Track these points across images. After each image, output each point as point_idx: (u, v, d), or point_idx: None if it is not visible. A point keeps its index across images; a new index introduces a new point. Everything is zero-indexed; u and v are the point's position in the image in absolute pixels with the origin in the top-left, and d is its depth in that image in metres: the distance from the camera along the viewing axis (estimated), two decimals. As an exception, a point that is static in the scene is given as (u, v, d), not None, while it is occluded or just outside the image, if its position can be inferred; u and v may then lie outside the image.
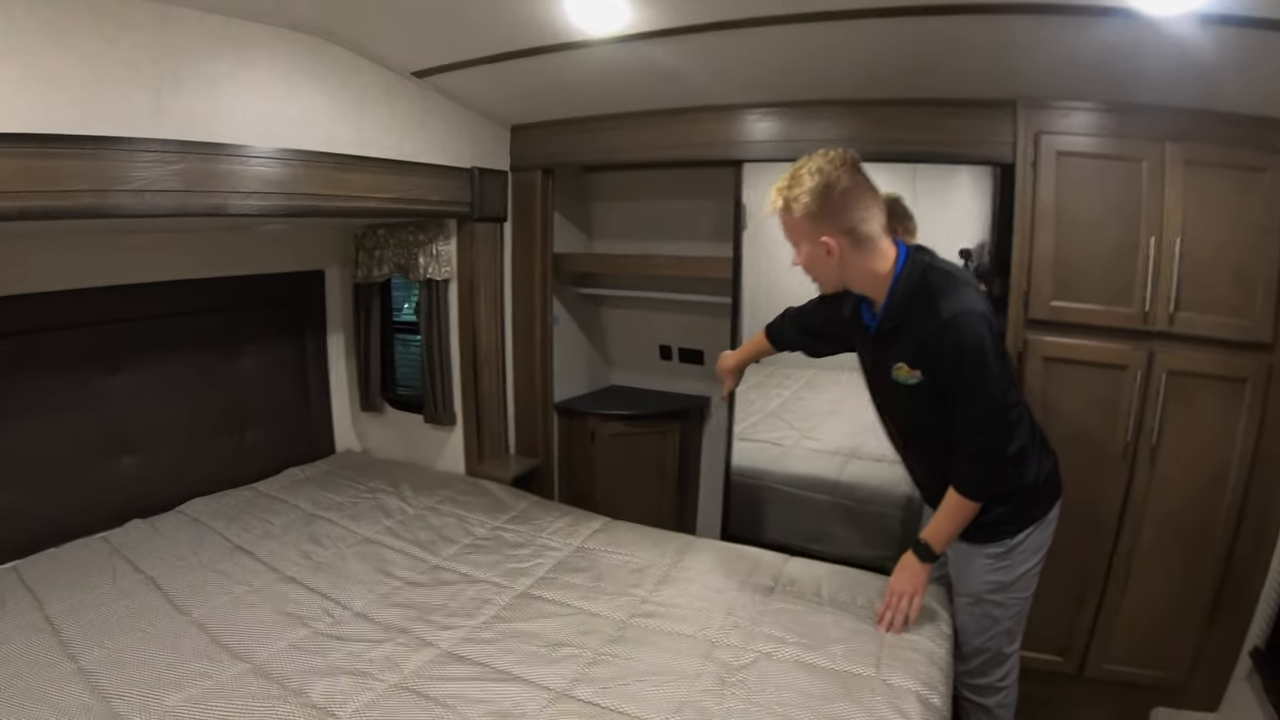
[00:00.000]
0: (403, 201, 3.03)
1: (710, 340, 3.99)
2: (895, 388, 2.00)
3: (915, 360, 1.90)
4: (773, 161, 2.97)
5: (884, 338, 1.99)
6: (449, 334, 3.53)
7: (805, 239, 1.91)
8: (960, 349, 1.80)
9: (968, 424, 1.89)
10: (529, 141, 3.59)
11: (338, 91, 2.78)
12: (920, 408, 1.99)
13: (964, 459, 1.94)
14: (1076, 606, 2.71)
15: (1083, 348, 2.53)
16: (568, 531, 2.90)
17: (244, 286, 3.41)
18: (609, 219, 4.22)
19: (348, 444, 4.04)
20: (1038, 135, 2.51)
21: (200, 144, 2.28)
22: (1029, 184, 2.53)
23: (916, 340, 1.88)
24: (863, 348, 2.14)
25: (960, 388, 1.85)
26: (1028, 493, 2.05)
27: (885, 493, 3.09)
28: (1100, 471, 2.57)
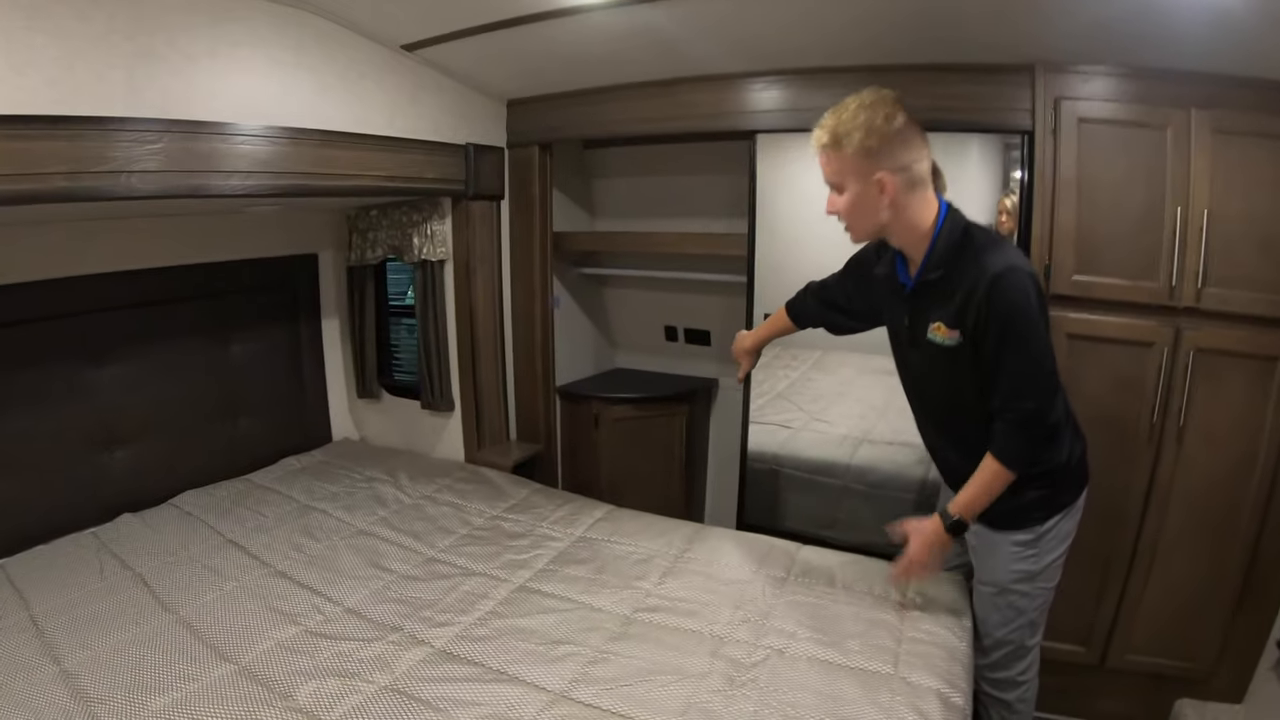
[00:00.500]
0: (394, 180, 2.92)
1: (717, 320, 3.89)
2: (930, 352, 1.89)
3: (955, 319, 1.80)
4: (783, 132, 2.89)
5: (923, 294, 1.89)
6: (445, 317, 3.43)
7: (855, 178, 1.79)
8: (1008, 306, 1.71)
9: (1010, 388, 1.77)
10: (526, 116, 3.48)
11: (323, 66, 2.66)
12: (955, 375, 1.87)
13: (1005, 426, 1.81)
14: (1099, 595, 2.61)
15: (1107, 324, 2.42)
16: (569, 520, 2.81)
17: (235, 271, 3.31)
18: (612, 197, 4.10)
19: (345, 432, 3.96)
20: (1057, 101, 2.39)
21: (179, 122, 2.18)
22: (1049, 152, 2.41)
23: (959, 296, 1.77)
24: (895, 311, 2.03)
25: (1004, 348, 1.74)
26: (1059, 475, 1.95)
27: (898, 477, 3.00)
28: (1124, 453, 2.47)
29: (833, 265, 2.66)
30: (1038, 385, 1.78)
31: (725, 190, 3.52)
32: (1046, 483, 1.93)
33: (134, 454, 3.00)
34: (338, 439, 3.90)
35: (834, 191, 1.86)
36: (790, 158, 3.00)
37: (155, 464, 3.05)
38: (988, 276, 1.71)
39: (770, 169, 2.99)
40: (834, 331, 2.39)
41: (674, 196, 3.88)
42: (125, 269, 2.89)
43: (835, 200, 1.86)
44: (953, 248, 1.80)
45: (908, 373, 2.11)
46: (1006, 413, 1.81)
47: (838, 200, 1.85)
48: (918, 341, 1.94)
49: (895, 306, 2.03)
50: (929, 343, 1.88)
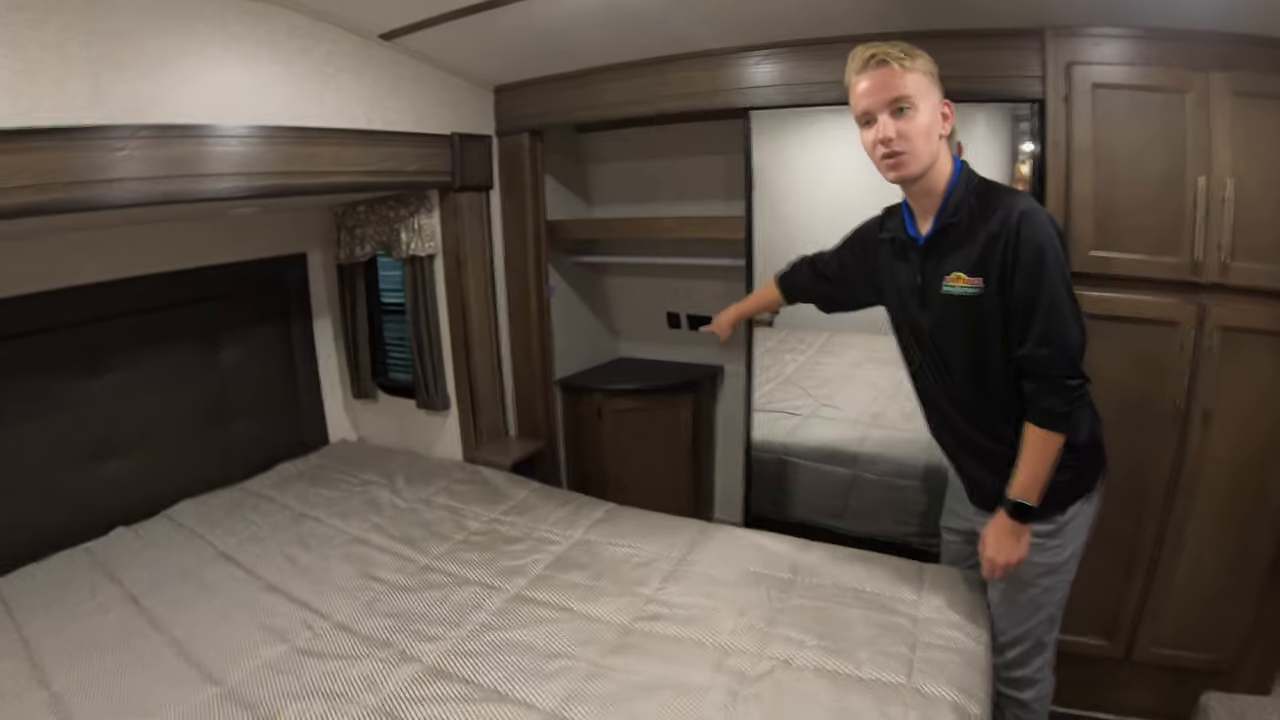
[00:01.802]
0: (376, 174, 2.83)
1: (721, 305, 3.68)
2: (946, 310, 1.81)
3: (977, 264, 1.73)
4: (780, 108, 2.79)
5: (939, 244, 1.82)
6: (437, 313, 3.33)
7: (929, 97, 1.74)
8: (1038, 241, 1.64)
9: (1044, 329, 1.67)
10: (514, 102, 3.37)
11: (298, 61, 2.59)
12: (975, 332, 1.78)
13: (1040, 383, 1.71)
14: (1123, 585, 2.51)
15: (1127, 302, 2.29)
16: (568, 522, 2.72)
17: (223, 275, 3.25)
18: (608, 182, 3.99)
19: (342, 433, 3.88)
20: (1069, 66, 2.25)
21: (149, 127, 2.12)
22: (1062, 121, 2.28)
23: (982, 238, 1.71)
24: (903, 275, 1.94)
25: (1035, 285, 1.65)
26: (1080, 455, 1.84)
27: (907, 465, 2.92)
28: (1148, 437, 2.36)
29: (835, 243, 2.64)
30: (1070, 326, 1.67)
31: (724, 171, 3.42)
32: (1067, 465, 1.80)
33: (127, 465, 2.95)
34: (335, 441, 3.83)
35: (895, 116, 1.72)
36: (788, 136, 2.93)
37: (148, 474, 3.00)
38: (1016, 213, 1.66)
39: (768, 147, 2.91)
40: (824, 307, 2.32)
41: (672, 179, 3.77)
42: (111, 279, 2.84)
43: (906, 122, 1.72)
44: (972, 192, 1.76)
45: (917, 342, 1.98)
46: (1039, 359, 1.69)
47: (908, 122, 1.72)
48: (930, 300, 1.85)
49: (902, 270, 1.94)
50: (945, 297, 1.80)
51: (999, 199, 1.72)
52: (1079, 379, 1.71)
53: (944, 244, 1.81)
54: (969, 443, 1.97)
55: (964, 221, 1.75)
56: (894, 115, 1.72)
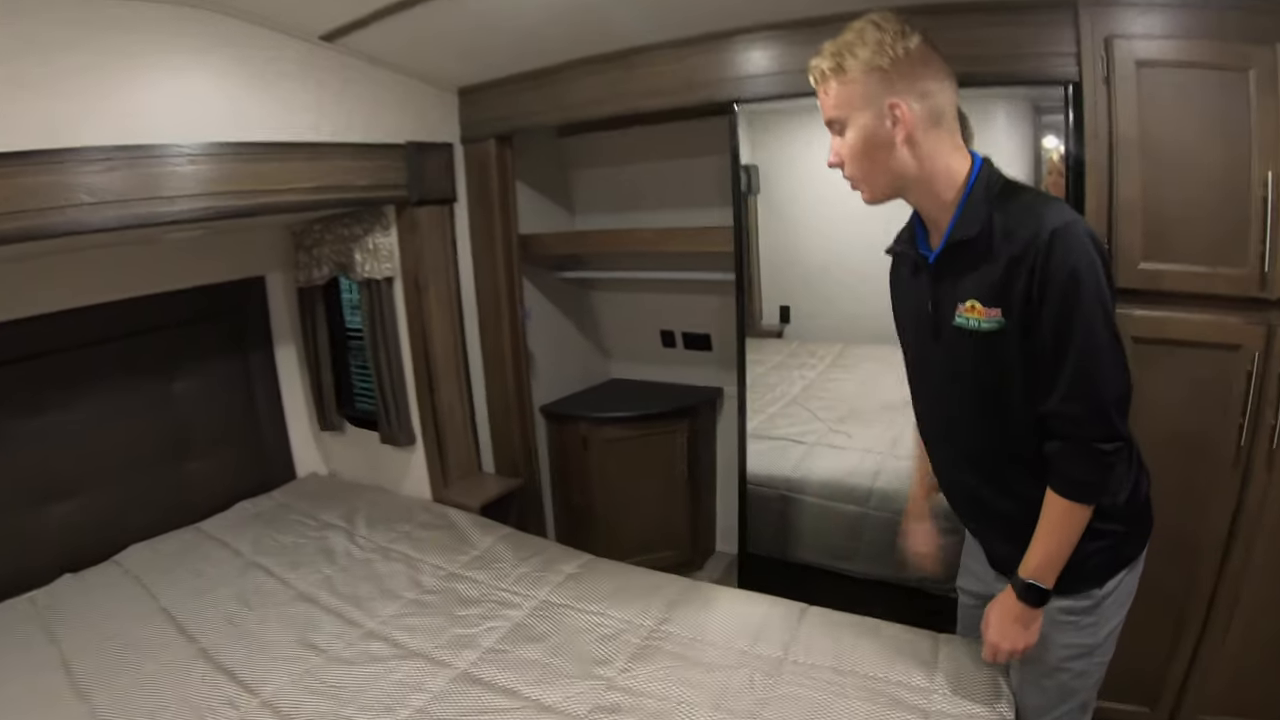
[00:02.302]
0: (322, 192, 2.54)
1: (718, 323, 3.46)
2: (959, 345, 1.45)
3: (996, 292, 1.36)
4: (772, 100, 2.44)
5: (951, 263, 1.45)
6: (398, 341, 3.02)
7: (863, 108, 1.39)
8: (1073, 267, 1.28)
9: (1075, 379, 1.32)
10: (480, 106, 3.04)
11: (232, 70, 2.35)
12: (992, 372, 1.42)
13: (1067, 446, 1.36)
14: (1170, 647, 2.17)
15: (1181, 323, 1.91)
16: (534, 578, 2.40)
17: (173, 303, 3.01)
18: (593, 191, 3.67)
19: (312, 466, 3.60)
20: (1109, 40, 1.87)
21: (57, 152, 1.93)
22: (1102, 107, 1.90)
23: (1003, 260, 1.34)
24: (914, 299, 1.59)
25: (1062, 331, 1.30)
26: (1124, 519, 1.48)
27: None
28: (1203, 480, 2.00)
29: (851, 253, 2.40)
30: (1108, 377, 1.32)
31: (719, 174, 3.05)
32: (1108, 530, 1.45)
33: (76, 508, 2.76)
34: (303, 475, 3.55)
35: (836, 135, 1.45)
36: (791, 135, 2.63)
37: (99, 516, 2.81)
38: (1046, 231, 1.28)
39: (769, 148, 2.62)
40: None
41: (662, 185, 3.45)
42: (48, 311, 2.64)
43: (839, 145, 1.45)
44: (993, 200, 1.39)
45: (924, 381, 1.64)
46: (1067, 418, 1.34)
47: (841, 144, 1.44)
48: (941, 331, 1.49)
49: (914, 292, 1.59)
50: (957, 330, 1.43)
51: (1027, 210, 1.35)
52: (1116, 442, 1.35)
53: (957, 264, 1.44)
54: (982, 504, 1.61)
55: (982, 237, 1.39)
56: (837, 133, 1.46)
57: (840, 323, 2.78)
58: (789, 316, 2.81)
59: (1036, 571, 1.42)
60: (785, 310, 2.81)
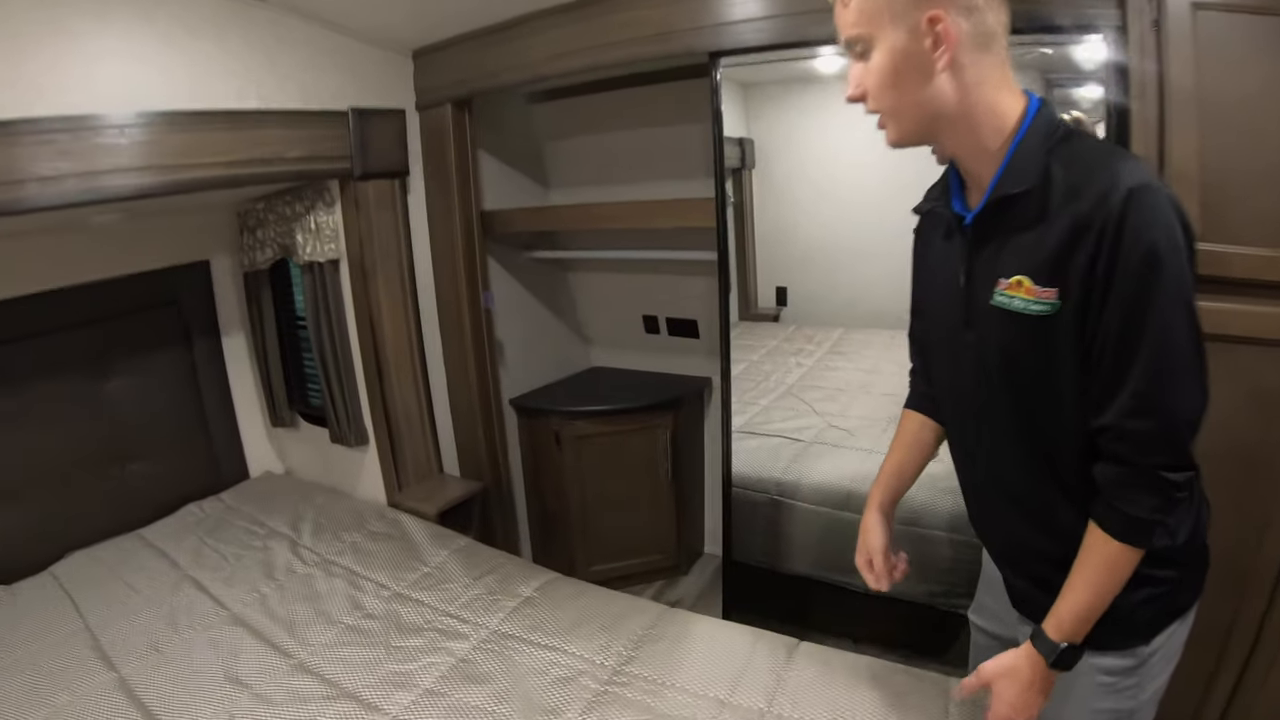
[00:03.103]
0: (245, 165, 2.23)
1: (705, 307, 3.14)
2: (998, 328, 1.12)
3: (1050, 267, 1.03)
4: (760, 50, 2.09)
5: (994, 225, 1.12)
6: (345, 331, 2.71)
7: (894, 23, 1.06)
8: (1147, 247, 0.96)
9: (1136, 400, 1.01)
10: (435, 68, 2.70)
11: (138, 29, 2.06)
12: (1038, 369, 1.10)
13: (1125, 472, 1.05)
14: (1210, 679, 1.86)
15: (1242, 315, 1.57)
16: (487, 601, 2.12)
17: (105, 293, 2.76)
18: (569, 163, 3.33)
19: (266, 465, 3.32)
20: None
21: None
22: (1152, 56, 1.56)
23: (1061, 225, 1.02)
24: (941, 267, 1.26)
25: (1133, 322, 0.98)
26: (1181, 562, 1.16)
27: (931, 509, 2.29)
28: (1259, 496, 1.67)
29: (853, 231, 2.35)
30: (1187, 386, 1.00)
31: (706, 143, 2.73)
32: (1162, 576, 1.14)
33: (9, 515, 2.58)
34: (256, 475, 3.28)
35: (857, 59, 1.13)
36: (787, 102, 2.41)
37: (35, 525, 2.62)
38: (1121, 189, 0.96)
39: (767, 117, 2.42)
40: None
41: (646, 157, 3.10)
42: None
43: (860, 73, 1.13)
44: (1052, 150, 1.06)
45: (950, 377, 1.30)
46: (1129, 438, 1.02)
47: (864, 71, 1.12)
48: (974, 313, 1.17)
49: (943, 262, 1.25)
50: (995, 313, 1.11)
51: (1097, 162, 1.02)
52: (1186, 471, 1.03)
53: (1002, 227, 1.11)
54: (1013, 537, 1.29)
55: (1036, 194, 1.05)
56: (856, 61, 1.13)
57: (840, 306, 2.60)
58: (786, 299, 2.62)
59: (1072, 629, 1.10)
60: (782, 292, 2.62)
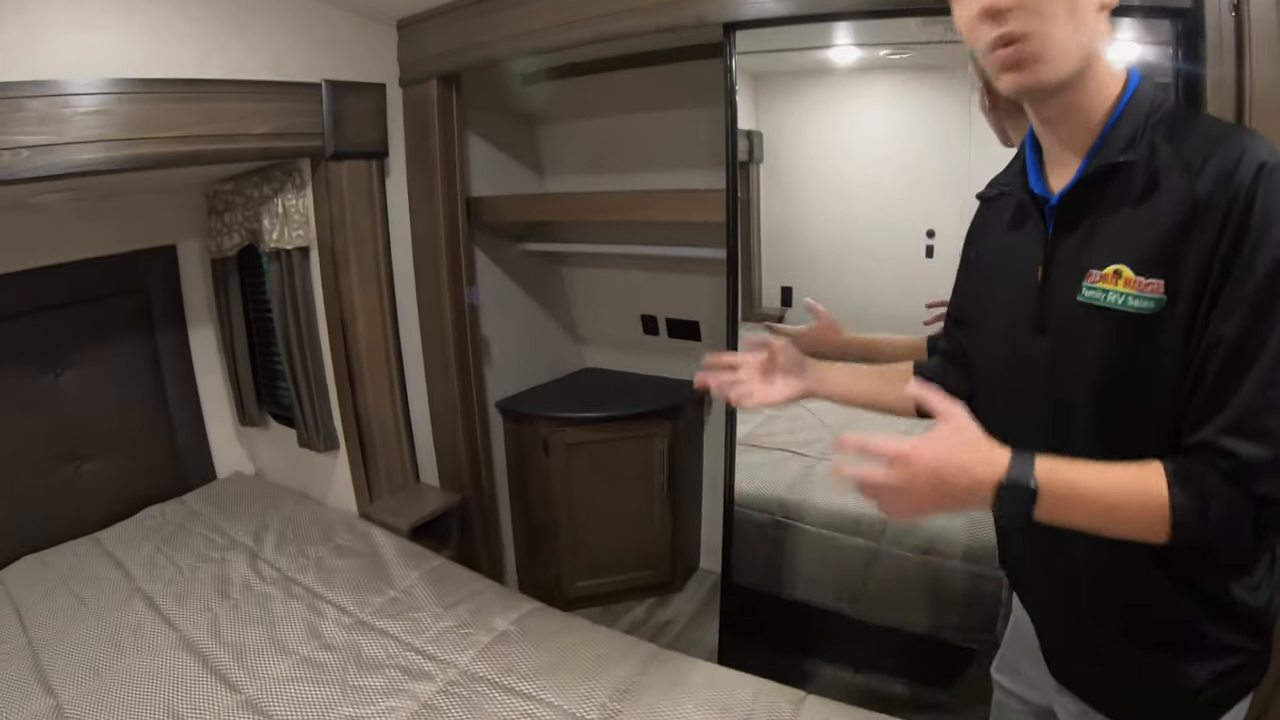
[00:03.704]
0: (205, 141, 2.01)
1: (708, 308, 2.94)
2: (1084, 328, 0.90)
3: (1158, 254, 0.83)
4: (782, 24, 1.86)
5: (1084, 204, 0.92)
6: (315, 327, 2.47)
7: None
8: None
9: (1248, 416, 0.79)
10: (421, 40, 2.46)
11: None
12: (1133, 380, 0.88)
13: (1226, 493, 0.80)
14: None
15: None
16: (458, 636, 1.89)
17: (59, 279, 2.55)
18: (565, 147, 3.10)
19: (235, 465, 3.09)
20: None
21: None
22: (1230, 44, 1.34)
23: (1173, 204, 0.83)
24: (1014, 262, 1.03)
25: (1262, 320, 0.78)
26: (1258, 634, 0.95)
27: (946, 538, 2.13)
28: None
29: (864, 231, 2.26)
30: None
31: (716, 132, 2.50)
32: (1239, 647, 0.93)
33: None
34: (224, 475, 3.05)
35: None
36: (800, 93, 2.26)
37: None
38: (1252, 163, 0.78)
39: (778, 109, 2.26)
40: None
41: (649, 144, 2.87)
42: None
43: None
44: (1159, 123, 0.88)
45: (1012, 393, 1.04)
46: (1232, 462, 0.80)
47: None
48: (1054, 316, 0.95)
49: (1013, 253, 1.04)
50: (1084, 310, 0.90)
51: (1216, 136, 0.83)
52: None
53: (1096, 206, 0.90)
54: (1077, 586, 1.04)
55: (1141, 168, 0.86)
56: None
57: (848, 309, 2.41)
58: (791, 299, 2.42)
59: (1051, 481, 0.82)
60: (787, 292, 2.42)
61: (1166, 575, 0.91)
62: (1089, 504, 0.84)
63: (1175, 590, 0.92)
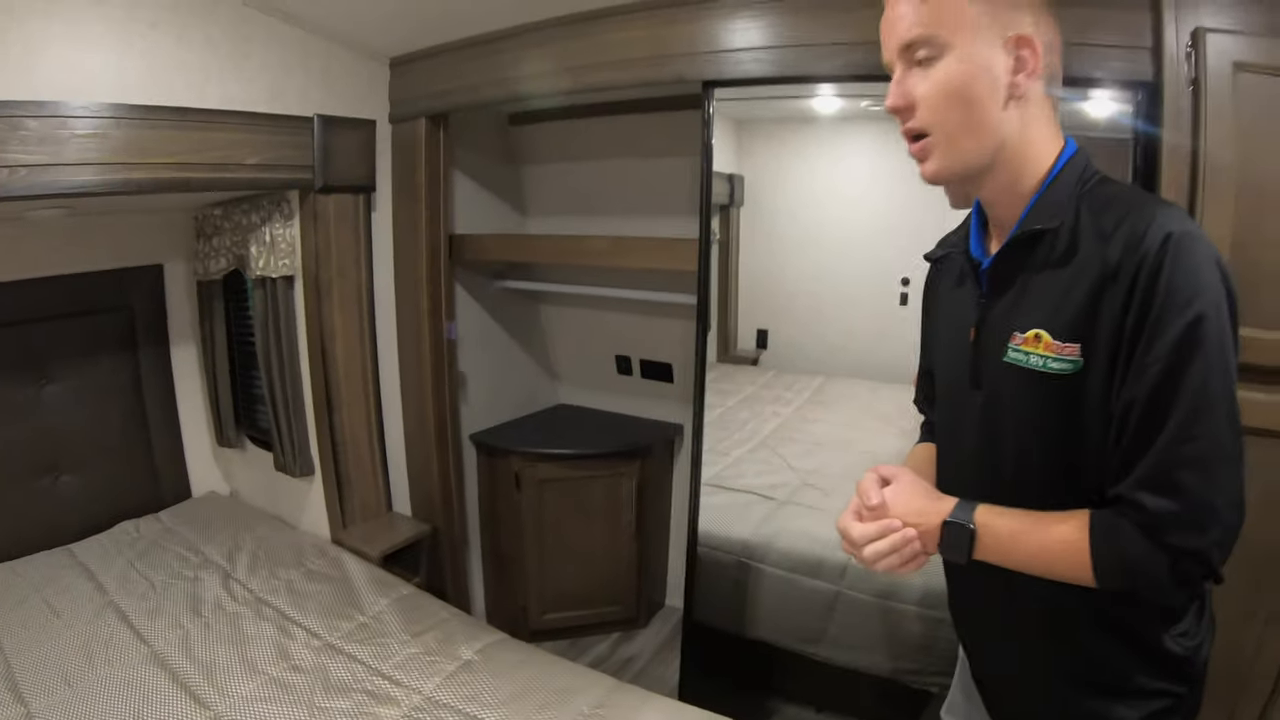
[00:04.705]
0: (197, 169, 2.05)
1: (681, 351, 2.97)
2: (1012, 387, 0.96)
3: (1074, 320, 0.89)
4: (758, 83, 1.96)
5: (1013, 269, 0.98)
6: (296, 354, 2.50)
7: (973, 32, 0.91)
8: (1189, 296, 0.81)
9: (1160, 472, 0.83)
10: (412, 79, 2.53)
11: (87, 11, 1.87)
12: (1056, 435, 0.93)
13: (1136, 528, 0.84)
14: None
15: (1267, 407, 1.43)
16: (425, 663, 1.91)
17: (47, 292, 2.58)
18: (548, 188, 3.15)
19: (211, 485, 3.10)
20: (1198, 34, 1.40)
21: None
22: (1186, 117, 1.43)
23: (1089, 272, 0.88)
24: (951, 317, 1.12)
25: (1165, 381, 0.82)
26: (1190, 680, 0.99)
27: (904, 584, 2.15)
28: (1263, 602, 1.54)
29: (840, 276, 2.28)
30: (1225, 463, 0.83)
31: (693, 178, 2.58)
32: (1172, 692, 0.97)
33: None
34: (199, 494, 3.06)
35: (909, 65, 0.95)
36: (781, 140, 2.33)
37: None
38: (1159, 233, 0.83)
39: (759, 154, 2.32)
40: None
41: (631, 188, 2.94)
42: None
43: (912, 82, 0.95)
44: (1084, 194, 0.93)
45: (955, 445, 1.12)
46: (1149, 517, 0.84)
47: (924, 79, 0.94)
48: (984, 370, 1.01)
49: (954, 311, 1.11)
50: (1009, 370, 0.96)
51: (1132, 206, 0.88)
52: (1212, 571, 0.84)
53: (1021, 272, 0.97)
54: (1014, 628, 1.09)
55: (1063, 234, 0.92)
56: (911, 69, 0.95)
57: (823, 353, 2.48)
58: (766, 342, 2.49)
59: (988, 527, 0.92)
60: (763, 334, 2.50)
61: (1099, 620, 0.96)
62: (1021, 548, 0.91)
63: (1108, 635, 0.97)
